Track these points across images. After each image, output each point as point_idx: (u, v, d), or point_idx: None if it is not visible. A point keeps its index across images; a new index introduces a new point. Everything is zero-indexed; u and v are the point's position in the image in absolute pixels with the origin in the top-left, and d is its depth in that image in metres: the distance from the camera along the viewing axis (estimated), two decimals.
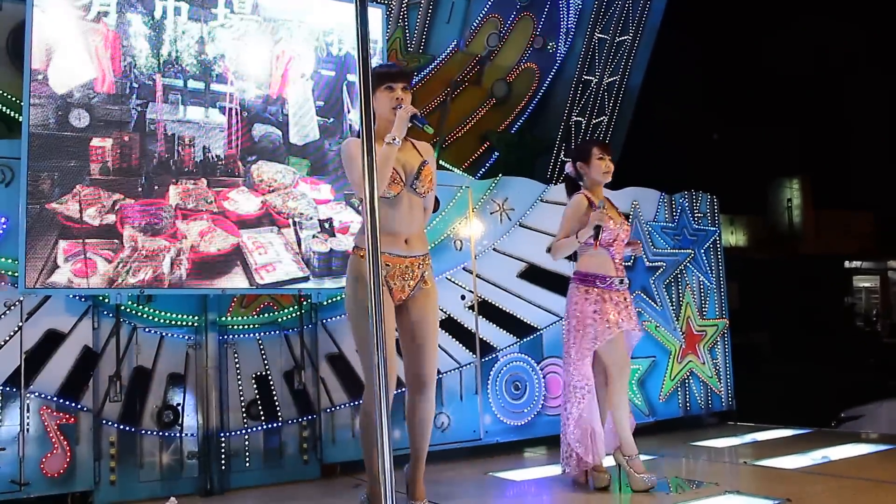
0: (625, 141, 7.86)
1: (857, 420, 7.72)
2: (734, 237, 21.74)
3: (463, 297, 5.68)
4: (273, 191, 4.92)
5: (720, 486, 4.26)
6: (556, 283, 6.05)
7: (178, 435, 4.69)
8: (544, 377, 5.93)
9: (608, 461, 4.37)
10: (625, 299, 4.37)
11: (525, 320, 5.92)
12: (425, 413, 3.71)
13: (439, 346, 5.41)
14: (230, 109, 4.86)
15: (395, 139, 3.48)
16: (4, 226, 4.33)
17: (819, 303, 19.83)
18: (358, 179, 3.55)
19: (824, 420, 7.54)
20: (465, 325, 5.66)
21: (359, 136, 3.68)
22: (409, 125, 3.57)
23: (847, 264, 24.14)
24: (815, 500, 3.86)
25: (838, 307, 21.84)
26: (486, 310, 5.77)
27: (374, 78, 3.73)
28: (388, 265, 3.57)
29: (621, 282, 4.37)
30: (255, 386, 4.93)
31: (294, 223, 4.92)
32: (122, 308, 4.60)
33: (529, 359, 5.89)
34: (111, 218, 4.45)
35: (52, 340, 4.42)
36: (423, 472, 3.76)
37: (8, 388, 4.27)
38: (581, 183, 4.55)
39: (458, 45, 7.15)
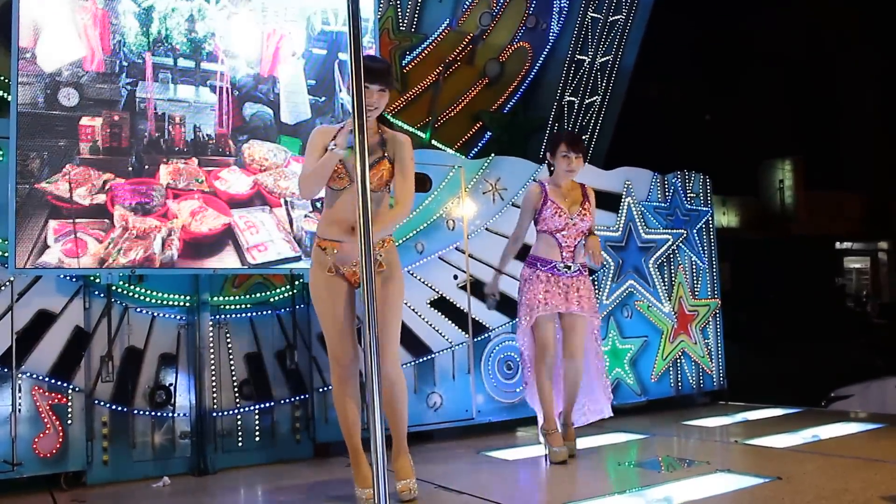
0: (617, 121, 7.85)
1: (846, 399, 7.77)
2: (726, 218, 21.78)
3: (455, 277, 5.67)
4: (265, 170, 4.89)
5: (711, 464, 4.28)
6: None
7: (170, 415, 4.69)
8: None
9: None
10: (571, 285, 4.55)
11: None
12: (392, 391, 3.72)
13: (431, 325, 5.49)
14: (221, 88, 4.83)
15: (334, 147, 3.51)
16: None
17: (810, 283, 19.90)
18: (302, 176, 3.65)
19: (814, 399, 7.60)
20: (458, 305, 5.67)
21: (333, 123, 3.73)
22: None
23: (838, 245, 24.22)
24: (806, 479, 3.88)
25: (829, 288, 21.93)
26: (479, 289, 5.77)
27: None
28: (334, 251, 3.65)
29: (566, 267, 4.55)
30: (247, 366, 4.93)
31: (286, 203, 4.91)
32: (114, 288, 4.58)
33: None
34: (101, 198, 4.42)
35: (44, 321, 4.40)
36: (406, 451, 3.79)
37: None
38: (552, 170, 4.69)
39: (451, 25, 7.11)
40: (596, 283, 6.25)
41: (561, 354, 4.64)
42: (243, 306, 4.99)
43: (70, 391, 4.41)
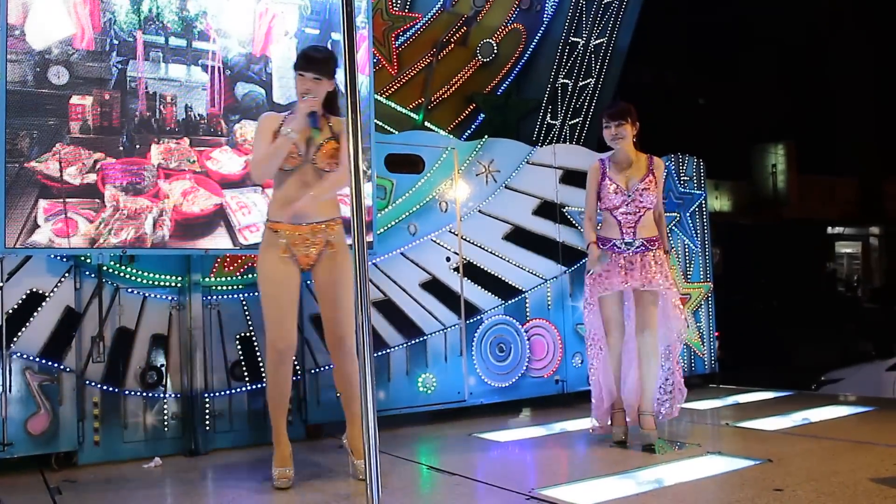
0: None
1: (837, 383, 7.82)
2: (718, 202, 21.79)
3: (448, 259, 5.67)
4: None
5: (702, 447, 4.31)
6: (541, 245, 6.07)
7: (161, 396, 4.68)
8: (529, 339, 5.95)
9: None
10: (635, 261, 4.45)
11: (510, 282, 5.92)
12: (349, 370, 3.78)
13: (423, 307, 5.49)
14: (213, 67, 4.78)
15: (290, 132, 3.64)
16: None
17: (801, 268, 19.97)
18: (256, 160, 3.78)
19: (805, 383, 7.64)
20: (450, 287, 5.66)
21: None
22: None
23: (830, 230, 24.28)
24: (796, 461, 3.90)
25: (820, 272, 22.01)
26: (471, 272, 5.77)
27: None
28: (287, 233, 3.74)
29: (628, 244, 4.47)
30: (238, 347, 4.92)
31: None
32: (105, 268, 4.56)
33: (514, 321, 5.90)
34: (92, 177, 4.39)
35: (34, 301, 4.38)
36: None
37: None
38: None
39: (445, 5, 7.05)
40: None
41: (633, 332, 4.56)
42: (235, 287, 4.96)
43: (61, 372, 4.39)
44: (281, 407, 3.87)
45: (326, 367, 5.11)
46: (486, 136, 6.10)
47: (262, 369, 4.94)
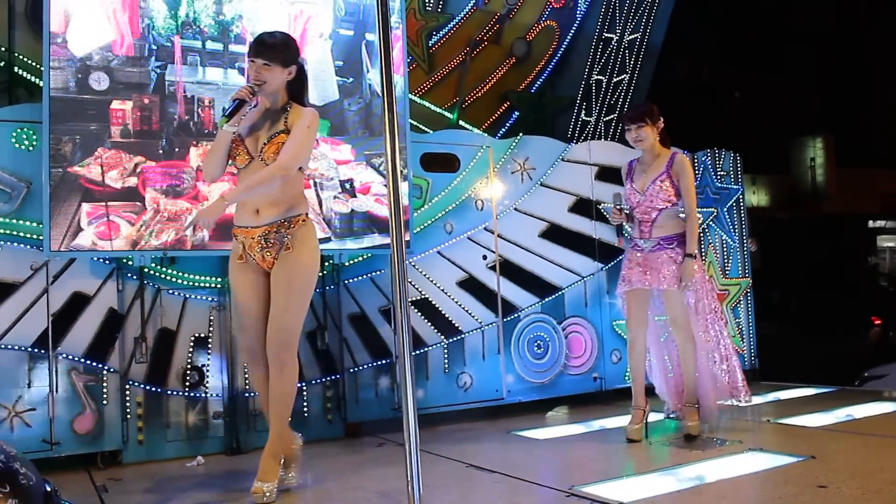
0: (646, 99, 7.77)
1: (880, 379, 7.69)
2: (756, 197, 21.51)
3: (484, 257, 5.67)
4: None
5: (744, 443, 4.27)
6: (577, 242, 6.05)
7: (203, 395, 4.74)
8: (566, 337, 5.93)
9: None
10: (651, 259, 4.57)
11: (547, 280, 5.91)
12: (273, 386, 3.59)
13: (461, 305, 5.50)
14: None
15: (224, 125, 3.49)
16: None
17: (842, 262, 19.66)
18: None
19: (848, 379, 7.52)
20: (487, 285, 5.67)
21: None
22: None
23: (871, 224, 23.85)
24: (839, 458, 3.85)
25: (862, 267, 21.64)
26: (508, 270, 5.77)
27: None
28: (241, 237, 3.62)
29: (645, 243, 4.61)
30: None
31: (315, 184, 4.92)
32: (146, 270, 4.63)
33: (551, 318, 5.89)
34: (133, 181, 4.46)
35: (78, 303, 4.47)
36: (278, 452, 3.63)
37: (36, 350, 4.32)
38: None
39: (478, 4, 7.05)
40: None
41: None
42: None
43: (105, 372, 4.47)
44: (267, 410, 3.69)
45: (365, 367, 5.15)
46: (520, 134, 6.10)
47: (302, 368, 4.98)
